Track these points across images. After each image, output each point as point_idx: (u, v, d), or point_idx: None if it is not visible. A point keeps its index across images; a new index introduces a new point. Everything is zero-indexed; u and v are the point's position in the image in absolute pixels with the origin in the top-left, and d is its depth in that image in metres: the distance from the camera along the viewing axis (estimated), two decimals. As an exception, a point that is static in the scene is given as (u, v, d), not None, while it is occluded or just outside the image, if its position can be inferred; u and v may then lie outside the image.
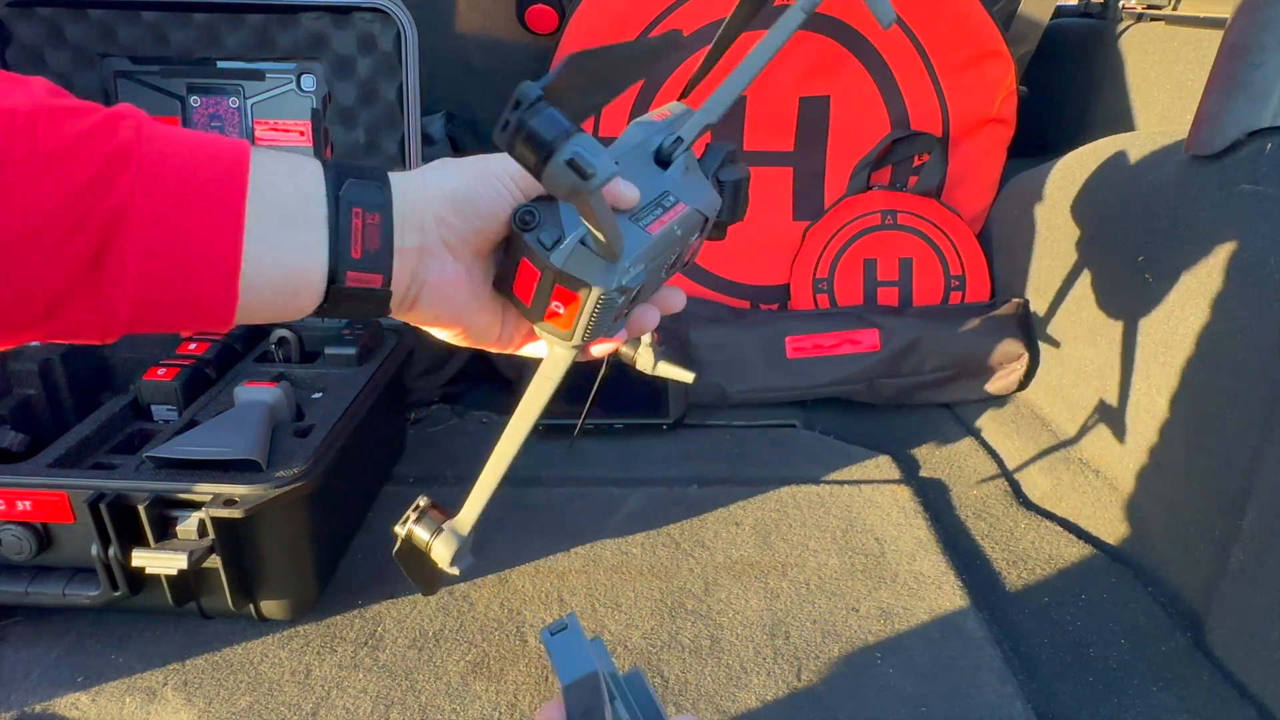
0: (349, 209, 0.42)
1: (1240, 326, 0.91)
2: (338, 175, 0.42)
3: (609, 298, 0.44)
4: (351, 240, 0.42)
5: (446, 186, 0.45)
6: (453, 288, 0.46)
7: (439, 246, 0.45)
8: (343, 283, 0.42)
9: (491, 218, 0.45)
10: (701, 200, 0.51)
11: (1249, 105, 0.97)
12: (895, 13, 0.59)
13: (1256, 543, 0.84)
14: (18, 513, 0.81)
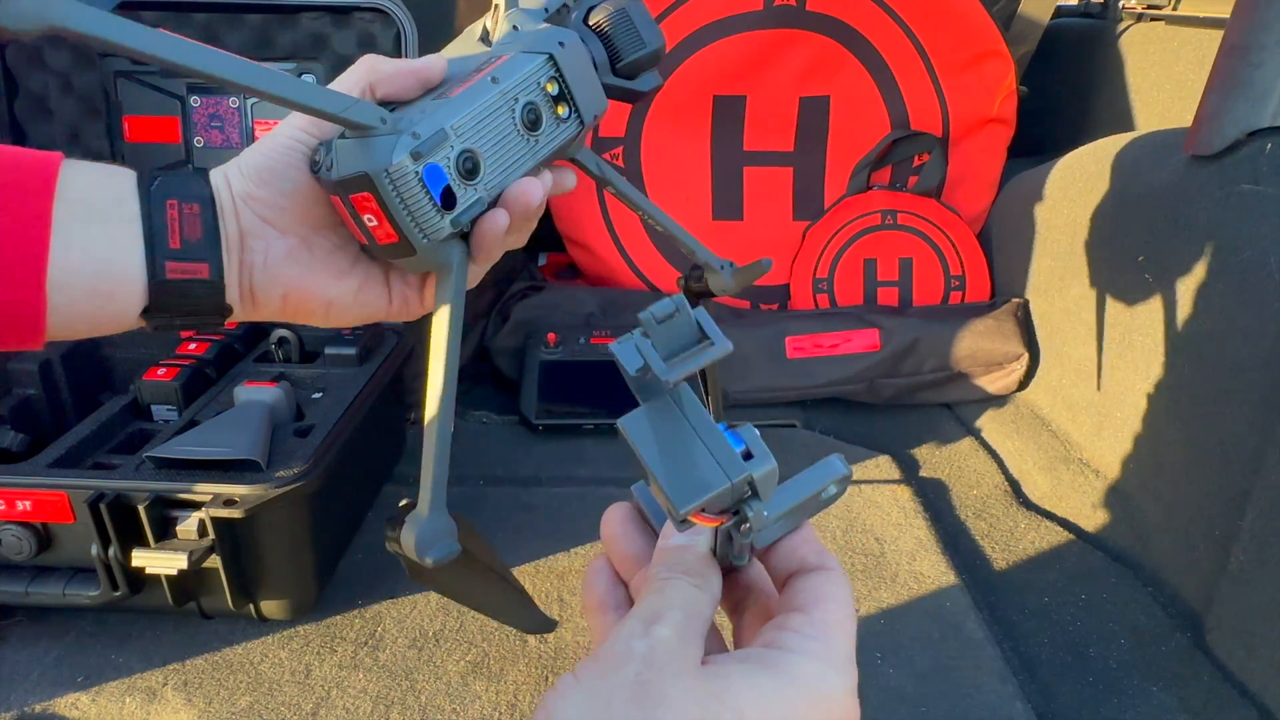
0: (162, 201, 0.41)
1: (1240, 326, 0.91)
2: (151, 177, 0.42)
3: (398, 172, 0.40)
4: (168, 231, 0.41)
5: (245, 162, 0.44)
6: (288, 264, 0.44)
7: (258, 225, 0.43)
8: (162, 275, 0.41)
9: (294, 179, 0.43)
10: (541, 44, 0.45)
11: (1249, 105, 0.97)
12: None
13: (1256, 542, 0.84)
14: (18, 513, 0.81)
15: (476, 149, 0.42)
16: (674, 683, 0.27)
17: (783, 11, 1.48)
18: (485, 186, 0.43)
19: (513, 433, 1.32)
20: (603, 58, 0.48)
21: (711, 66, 1.51)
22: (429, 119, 0.41)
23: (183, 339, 1.11)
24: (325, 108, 0.40)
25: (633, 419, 0.32)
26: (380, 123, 0.40)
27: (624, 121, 1.55)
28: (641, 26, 0.48)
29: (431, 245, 0.42)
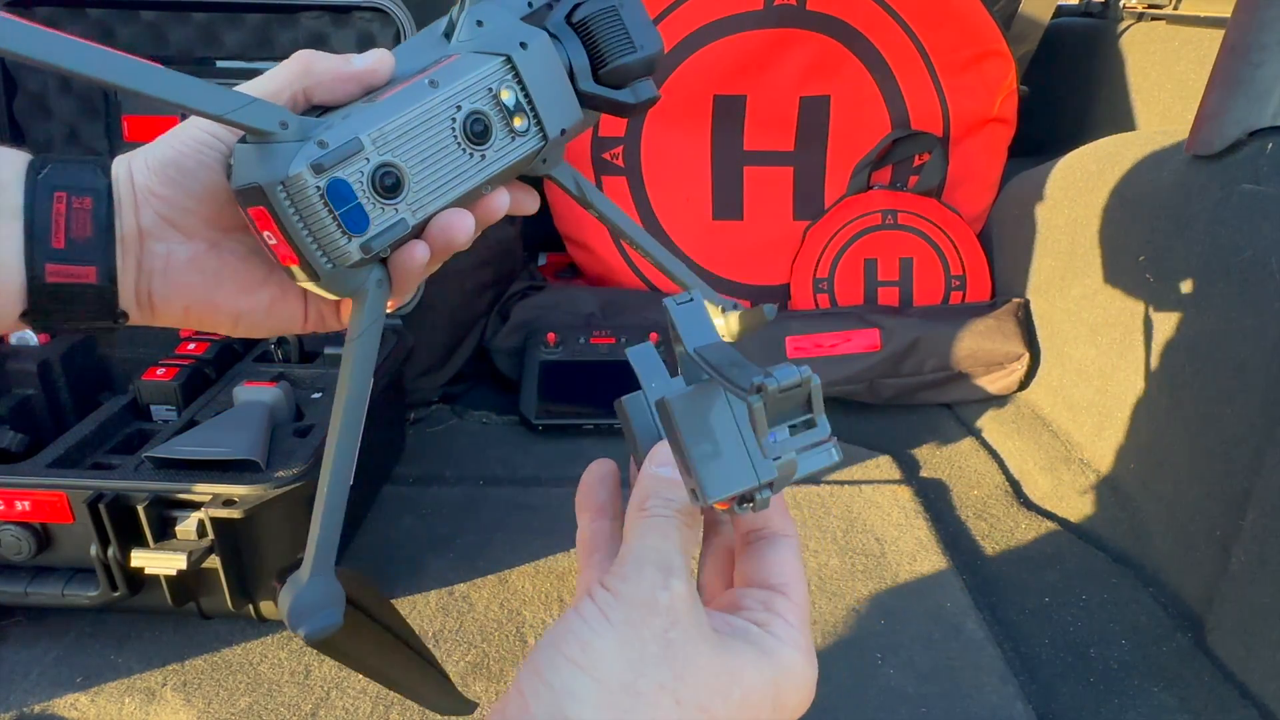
0: (49, 193, 0.36)
1: (1241, 326, 0.91)
2: (43, 162, 0.37)
3: (295, 186, 0.34)
4: (52, 228, 0.36)
5: (151, 155, 0.38)
6: (191, 272, 0.39)
7: (160, 226, 0.38)
8: (42, 277, 0.36)
9: (204, 180, 0.38)
10: (499, 43, 0.39)
11: (1250, 105, 0.97)
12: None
13: (1257, 543, 0.84)
14: (17, 513, 0.81)
15: (400, 163, 0.36)
16: (696, 649, 0.30)
17: (783, 11, 1.48)
18: (411, 207, 0.36)
19: (513, 433, 1.32)
20: (583, 62, 0.41)
21: (711, 66, 1.51)
22: (343, 125, 0.35)
23: (182, 339, 1.11)
24: (209, 108, 0.34)
25: (681, 399, 0.32)
26: (280, 127, 0.34)
27: (624, 121, 1.55)
28: (633, 28, 0.41)
29: (337, 272, 0.36)
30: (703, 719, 0.30)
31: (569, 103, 0.41)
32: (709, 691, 0.30)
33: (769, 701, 0.32)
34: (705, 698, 0.30)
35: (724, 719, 0.30)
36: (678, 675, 0.30)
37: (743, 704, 0.31)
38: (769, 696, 0.32)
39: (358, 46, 1.18)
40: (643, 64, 0.42)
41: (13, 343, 1.13)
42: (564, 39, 0.41)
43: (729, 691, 0.31)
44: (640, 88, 0.43)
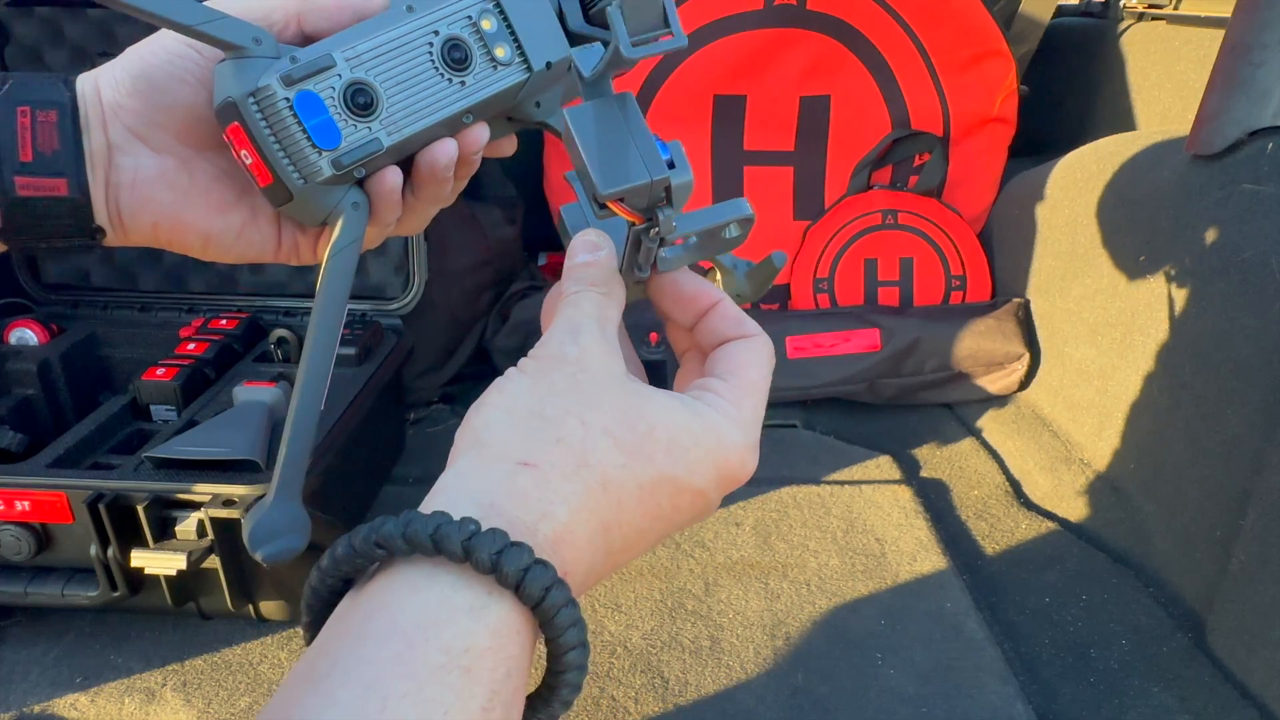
0: (12, 107, 0.36)
1: (1242, 326, 0.91)
2: (3, 79, 0.36)
3: (264, 97, 0.34)
4: (19, 142, 0.36)
5: (119, 67, 0.38)
6: (160, 188, 0.39)
7: (127, 139, 0.38)
8: (13, 191, 0.36)
9: (175, 93, 0.37)
10: None
11: (1250, 105, 0.97)
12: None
13: (1258, 543, 0.84)
14: (16, 513, 0.81)
15: (373, 82, 0.36)
16: (605, 386, 0.32)
17: (783, 10, 1.48)
18: (385, 127, 0.36)
19: (513, 433, 1.32)
20: (573, 3, 0.40)
21: (712, 66, 1.51)
22: (318, 45, 0.36)
23: (182, 339, 1.11)
24: (181, 19, 0.34)
25: (578, 111, 0.35)
26: (253, 43, 0.35)
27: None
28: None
29: (310, 188, 0.36)
30: (606, 442, 0.31)
31: (555, 37, 0.40)
32: (615, 418, 0.32)
33: (685, 452, 0.32)
34: (610, 423, 0.31)
35: (631, 446, 0.31)
36: (584, 403, 0.32)
37: (650, 437, 0.32)
38: (685, 446, 0.32)
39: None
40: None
41: (12, 343, 1.13)
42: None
43: (635, 423, 0.32)
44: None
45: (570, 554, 0.30)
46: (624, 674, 0.86)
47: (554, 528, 0.29)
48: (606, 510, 0.31)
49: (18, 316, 1.16)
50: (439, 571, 0.28)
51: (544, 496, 0.30)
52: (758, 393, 0.36)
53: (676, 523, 0.33)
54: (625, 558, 0.33)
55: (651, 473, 0.32)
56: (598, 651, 0.88)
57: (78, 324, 1.19)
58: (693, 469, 0.33)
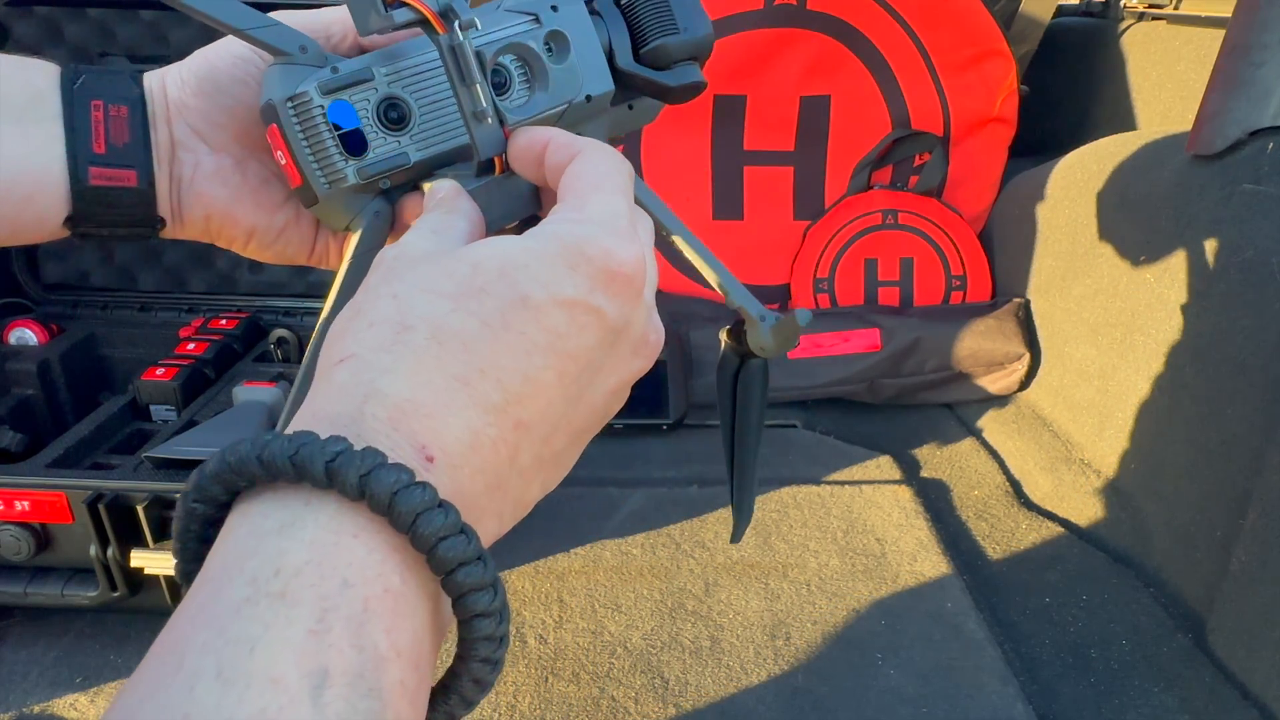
0: (86, 101, 0.37)
1: (1242, 326, 0.90)
2: (76, 72, 0.38)
3: (300, 103, 0.35)
4: (92, 134, 0.37)
5: (187, 68, 0.40)
6: (214, 184, 0.40)
7: (188, 136, 0.40)
8: (86, 180, 0.37)
9: (237, 95, 0.39)
10: (531, 3, 0.39)
11: (1250, 105, 0.97)
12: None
13: (1258, 543, 0.84)
14: (16, 513, 0.81)
15: (408, 98, 0.37)
16: (420, 256, 0.29)
17: (783, 10, 1.48)
18: (415, 142, 0.37)
19: (513, 433, 1.32)
20: (623, 40, 0.41)
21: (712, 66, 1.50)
22: (362, 58, 0.36)
23: (181, 339, 1.11)
24: (233, 22, 0.36)
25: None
26: (299, 50, 0.36)
27: (624, 121, 1.55)
28: (680, 9, 0.41)
29: (334, 193, 0.37)
30: (425, 299, 0.27)
31: (600, 71, 0.41)
32: (430, 275, 0.28)
33: (522, 270, 0.28)
34: (426, 280, 0.28)
35: (454, 290, 0.27)
36: (394, 278, 0.28)
37: (476, 273, 0.28)
38: (521, 264, 0.28)
39: (358, 46, 1.18)
40: (685, 46, 0.41)
41: (12, 343, 1.13)
42: (607, 16, 0.41)
43: (455, 269, 0.28)
44: (682, 70, 0.42)
45: (427, 425, 0.25)
46: (624, 674, 0.86)
47: (386, 405, 0.25)
48: (453, 361, 0.26)
49: (17, 316, 1.16)
50: (259, 498, 0.24)
51: (362, 379, 0.26)
52: (601, 189, 0.31)
53: (579, 351, 0.28)
54: (539, 413, 0.27)
55: (491, 304, 0.27)
56: (598, 652, 0.88)
57: (77, 324, 1.19)
58: (545, 282, 0.28)
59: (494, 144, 0.36)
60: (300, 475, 0.23)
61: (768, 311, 0.45)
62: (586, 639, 0.90)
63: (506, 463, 0.27)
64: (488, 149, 0.36)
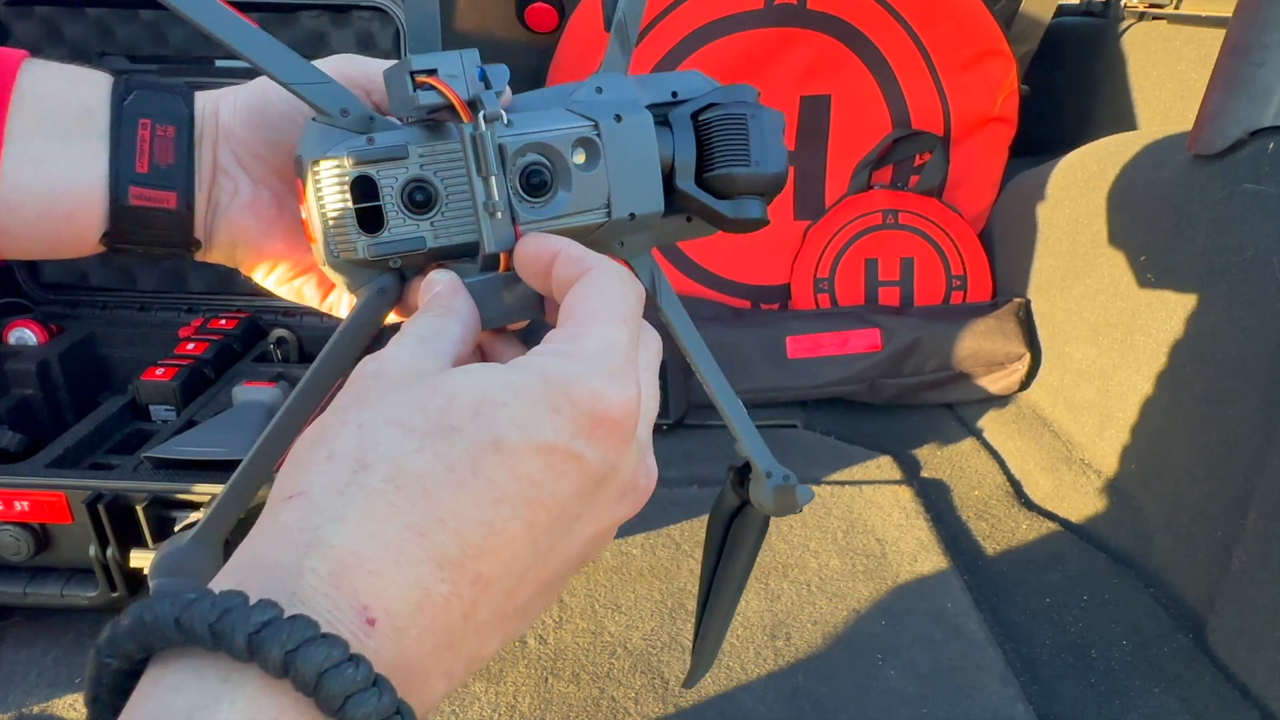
0: (134, 120, 0.37)
1: (1243, 326, 0.90)
2: (128, 87, 0.38)
3: (326, 169, 0.34)
4: (137, 153, 0.37)
5: (240, 96, 0.40)
6: (247, 214, 0.40)
7: (232, 164, 0.40)
8: (126, 200, 0.37)
9: (285, 131, 0.39)
10: (595, 108, 0.37)
11: (1251, 104, 0.96)
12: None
13: (1259, 543, 0.84)
14: (15, 513, 0.81)
15: (437, 182, 0.35)
16: (396, 381, 0.27)
17: (783, 10, 1.48)
18: (435, 229, 0.35)
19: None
20: (688, 159, 0.39)
21: (712, 65, 1.51)
22: (402, 131, 0.35)
23: (181, 339, 1.11)
24: (280, 74, 0.34)
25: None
26: (339, 113, 0.35)
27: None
28: (757, 142, 0.39)
29: (339, 264, 0.36)
30: (391, 433, 0.25)
31: (649, 189, 0.38)
32: (402, 405, 0.26)
33: (499, 409, 0.25)
34: (397, 411, 0.25)
35: (425, 426, 0.25)
36: (364, 404, 0.26)
37: (450, 408, 0.25)
38: (499, 402, 0.25)
39: (357, 46, 1.18)
40: (752, 181, 0.39)
41: (12, 343, 1.13)
42: (678, 131, 0.39)
43: (428, 401, 0.25)
44: (745, 204, 0.40)
45: (370, 583, 0.22)
46: (624, 674, 0.86)
47: (328, 559, 0.22)
48: (410, 510, 0.24)
49: (17, 316, 1.16)
50: (175, 664, 0.21)
51: (307, 525, 0.23)
52: (601, 319, 0.29)
53: (554, 500, 0.26)
54: (503, 567, 0.25)
55: (462, 446, 0.25)
56: (598, 652, 0.88)
57: (77, 324, 1.19)
58: (522, 424, 0.25)
59: (502, 240, 0.34)
60: (219, 645, 0.20)
61: (776, 468, 0.43)
62: (586, 639, 0.90)
63: (460, 620, 0.24)
64: (494, 244, 0.34)
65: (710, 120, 0.39)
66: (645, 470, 0.30)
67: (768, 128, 0.40)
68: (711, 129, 0.39)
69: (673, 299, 0.42)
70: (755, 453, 0.43)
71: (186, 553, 0.36)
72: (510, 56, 1.59)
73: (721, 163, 0.39)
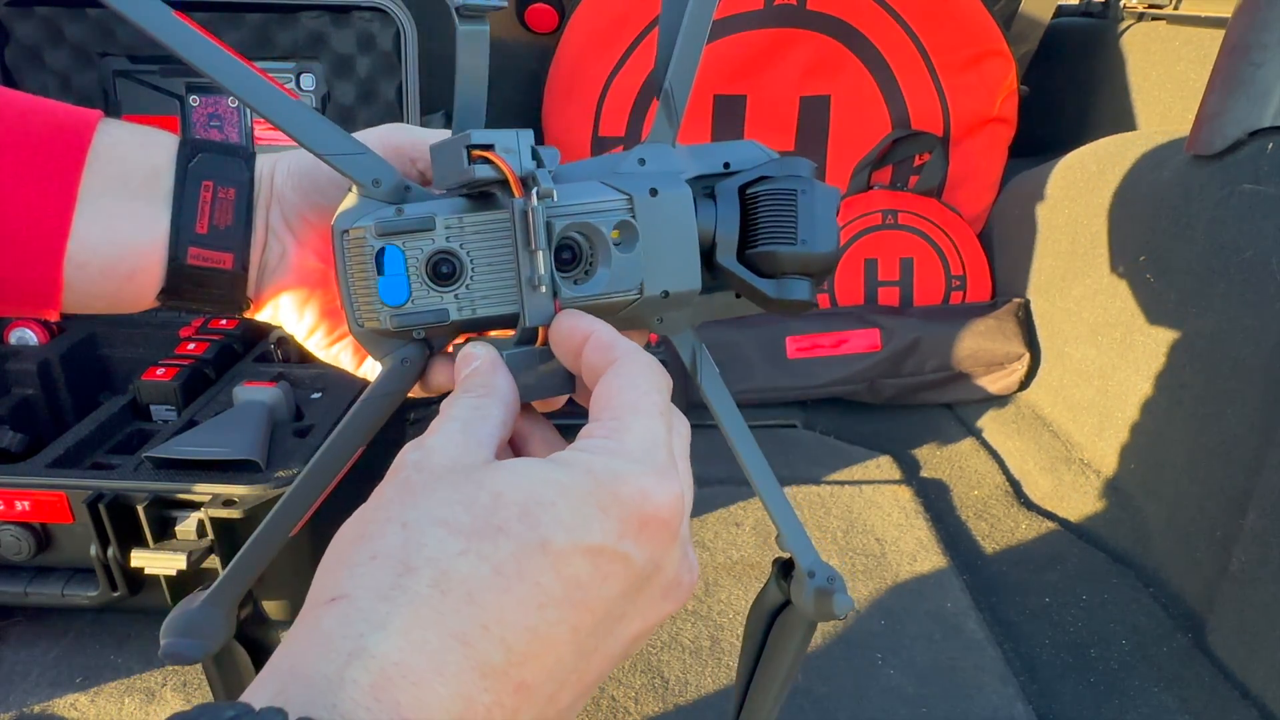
0: (198, 181, 0.38)
1: (1242, 326, 0.90)
2: (193, 150, 0.39)
3: (353, 240, 0.34)
4: (198, 214, 0.38)
5: (293, 160, 0.40)
6: (294, 277, 0.41)
7: (280, 226, 0.40)
8: (183, 259, 0.38)
9: (331, 196, 0.39)
10: (631, 182, 0.36)
11: (1250, 105, 0.96)
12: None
13: (1258, 543, 0.84)
14: (16, 513, 0.81)
15: (463, 255, 0.34)
16: (442, 475, 0.26)
17: (783, 11, 1.48)
18: (459, 301, 0.35)
19: (513, 433, 1.32)
20: (731, 233, 0.37)
21: (712, 66, 1.51)
22: (432, 203, 0.35)
23: (182, 339, 1.11)
24: (314, 146, 0.35)
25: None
26: (372, 184, 0.35)
27: (624, 120, 1.55)
28: (805, 219, 0.37)
29: (364, 333, 0.36)
30: (438, 534, 0.25)
31: (686, 266, 0.37)
32: (449, 502, 0.25)
33: (547, 509, 0.25)
34: (443, 509, 0.25)
35: (471, 527, 0.25)
36: (409, 502, 0.26)
37: (497, 506, 0.25)
38: (546, 502, 0.25)
39: (358, 47, 1.18)
40: (798, 260, 0.37)
41: (12, 343, 1.13)
42: (722, 204, 0.38)
43: (475, 498, 0.25)
44: (790, 284, 0.37)
45: (413, 695, 0.22)
46: (624, 674, 0.86)
47: (371, 670, 0.22)
48: (455, 616, 0.23)
49: (18, 316, 1.16)
50: None
51: (350, 632, 0.23)
52: (640, 412, 0.29)
53: (599, 602, 0.25)
54: (546, 673, 0.24)
55: (509, 548, 0.24)
56: (598, 651, 0.88)
57: (77, 324, 1.19)
58: (570, 526, 0.25)
59: (542, 315, 0.34)
60: None
61: (820, 566, 0.41)
62: (586, 639, 0.90)
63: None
64: (535, 318, 0.34)
65: (758, 194, 0.37)
66: (688, 566, 0.30)
67: (819, 204, 0.37)
68: (759, 203, 0.37)
69: (714, 378, 0.41)
70: (797, 548, 0.41)
71: (198, 615, 0.37)
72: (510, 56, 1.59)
73: (766, 240, 0.37)
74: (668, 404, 0.30)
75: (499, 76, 1.60)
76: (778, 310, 0.38)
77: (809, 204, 0.37)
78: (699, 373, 0.41)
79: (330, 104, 1.22)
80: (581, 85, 1.50)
